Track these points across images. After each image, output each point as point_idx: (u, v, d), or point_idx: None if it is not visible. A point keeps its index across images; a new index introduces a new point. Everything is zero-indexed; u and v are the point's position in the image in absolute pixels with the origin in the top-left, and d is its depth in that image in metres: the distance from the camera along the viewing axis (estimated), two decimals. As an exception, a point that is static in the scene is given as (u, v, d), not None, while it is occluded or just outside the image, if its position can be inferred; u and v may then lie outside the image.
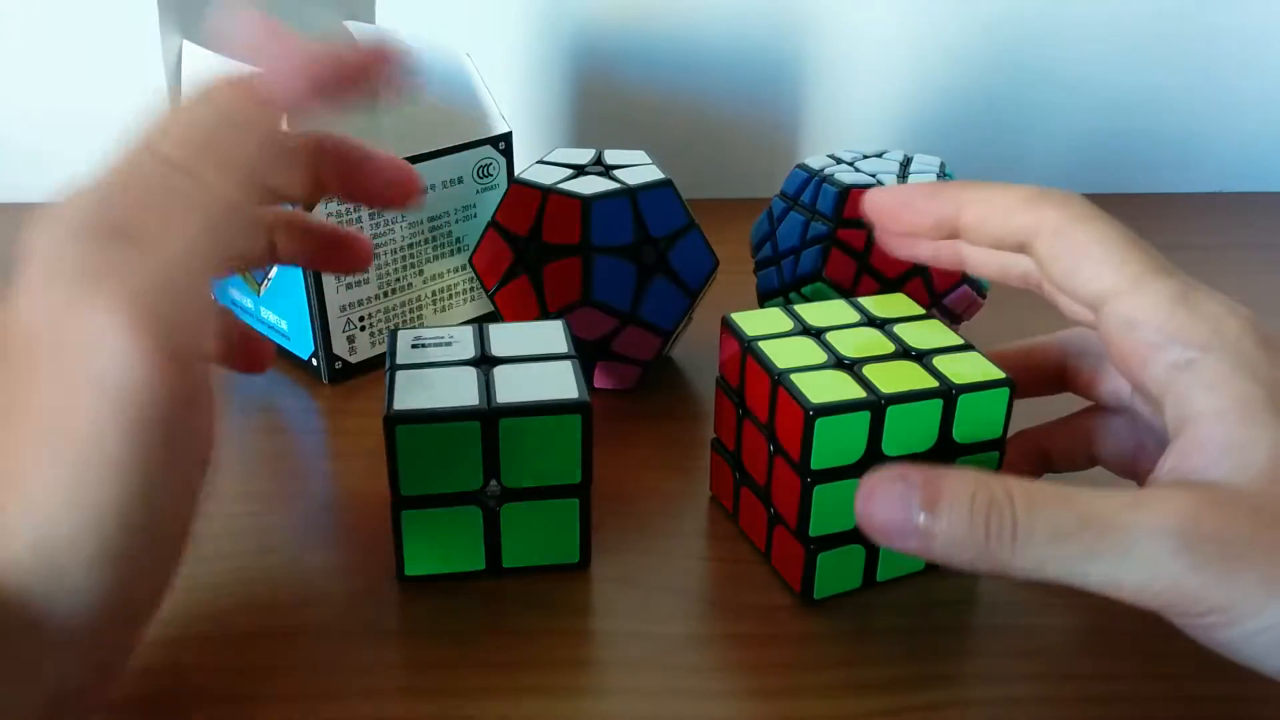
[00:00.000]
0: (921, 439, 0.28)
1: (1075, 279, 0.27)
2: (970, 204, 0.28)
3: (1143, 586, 0.23)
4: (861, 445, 0.27)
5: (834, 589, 0.29)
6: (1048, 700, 0.27)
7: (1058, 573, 0.23)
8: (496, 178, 0.43)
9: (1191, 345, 0.25)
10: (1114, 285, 0.26)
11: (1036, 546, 0.23)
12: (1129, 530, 0.22)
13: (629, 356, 0.39)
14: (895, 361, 0.29)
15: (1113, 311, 0.26)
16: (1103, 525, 0.23)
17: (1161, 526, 0.22)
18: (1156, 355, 0.25)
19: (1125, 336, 0.26)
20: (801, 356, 0.29)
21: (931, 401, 0.27)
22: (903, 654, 0.28)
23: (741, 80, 0.59)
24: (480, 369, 0.29)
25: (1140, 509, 0.23)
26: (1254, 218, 0.59)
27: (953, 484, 0.24)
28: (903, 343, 0.29)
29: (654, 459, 0.36)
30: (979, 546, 0.23)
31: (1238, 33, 0.59)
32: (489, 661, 0.27)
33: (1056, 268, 0.27)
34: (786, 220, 0.40)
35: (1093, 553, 0.23)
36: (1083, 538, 0.23)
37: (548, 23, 0.58)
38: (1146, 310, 0.26)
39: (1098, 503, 0.23)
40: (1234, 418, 0.24)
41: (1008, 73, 0.59)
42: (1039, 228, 0.27)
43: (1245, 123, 0.62)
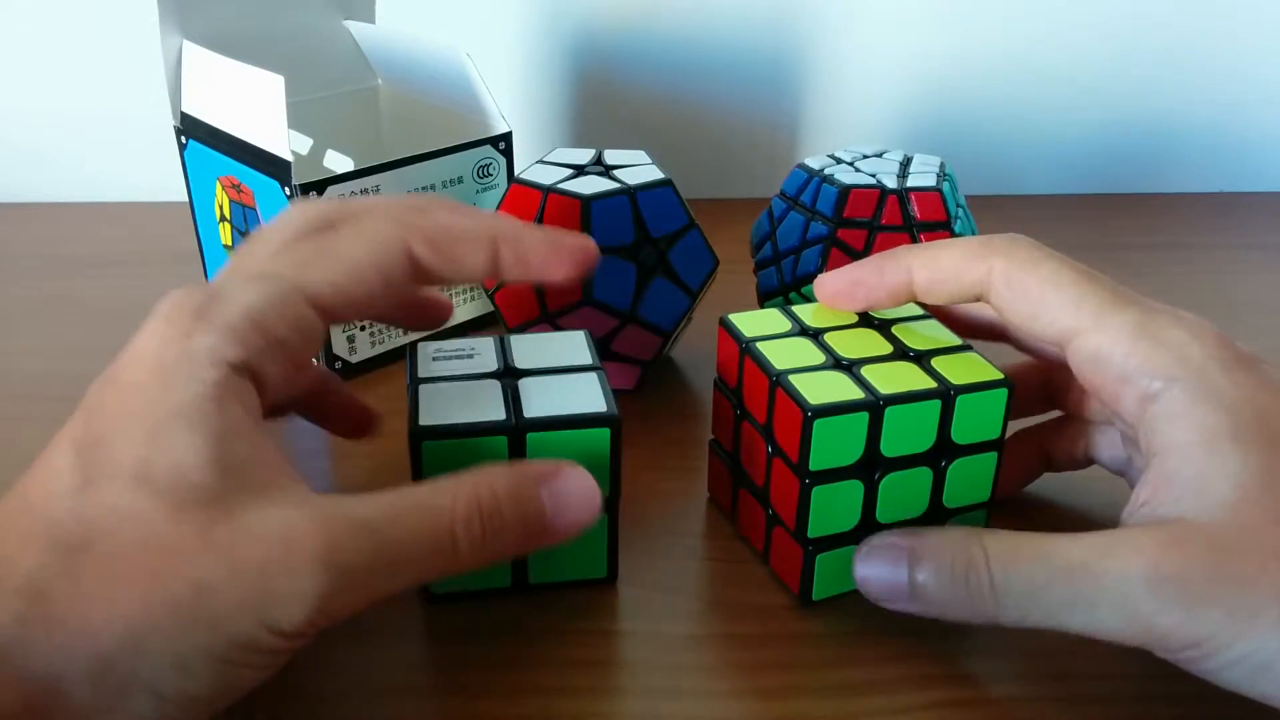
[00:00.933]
0: (920, 440, 0.28)
1: (1036, 323, 0.28)
2: (919, 269, 0.29)
3: (1118, 630, 0.24)
4: (860, 446, 0.27)
5: (832, 590, 0.29)
6: (1047, 700, 0.27)
7: (1040, 622, 0.24)
8: (496, 178, 0.43)
9: (1157, 376, 0.25)
10: (1074, 324, 0.27)
11: (1015, 601, 0.24)
12: (1098, 579, 0.23)
13: (629, 356, 0.39)
14: (893, 362, 0.28)
15: (1077, 349, 0.27)
16: (1074, 577, 0.24)
17: (1127, 573, 0.23)
18: (1124, 389, 0.26)
19: (1093, 373, 0.27)
20: (800, 357, 0.29)
21: (930, 403, 0.27)
22: (903, 654, 0.28)
23: (741, 80, 0.59)
24: (504, 381, 0.28)
25: (1108, 557, 0.24)
26: (1254, 218, 0.59)
27: (934, 547, 0.26)
28: (901, 343, 0.29)
29: (654, 459, 0.36)
30: (964, 604, 0.25)
31: (1238, 33, 0.59)
32: (489, 661, 0.27)
33: (1015, 316, 0.28)
34: (786, 220, 0.40)
35: (1068, 603, 0.24)
36: (1056, 591, 0.24)
37: (548, 23, 0.58)
38: (1108, 346, 0.26)
39: (1072, 552, 0.24)
40: (1198, 450, 0.24)
41: (1008, 72, 0.59)
42: (989, 280, 0.28)
43: (1245, 123, 0.62)
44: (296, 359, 0.25)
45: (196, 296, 0.24)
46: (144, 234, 0.54)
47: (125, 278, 0.50)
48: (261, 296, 0.24)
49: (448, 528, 0.24)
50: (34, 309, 0.47)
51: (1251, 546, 0.23)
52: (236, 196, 0.41)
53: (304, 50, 0.46)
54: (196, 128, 0.42)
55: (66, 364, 0.43)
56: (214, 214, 0.43)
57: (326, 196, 0.38)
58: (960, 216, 0.39)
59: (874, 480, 0.28)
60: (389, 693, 0.27)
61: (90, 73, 0.57)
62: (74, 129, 0.58)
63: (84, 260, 0.52)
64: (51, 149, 0.59)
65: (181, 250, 0.48)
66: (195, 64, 0.41)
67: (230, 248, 0.43)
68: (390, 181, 0.40)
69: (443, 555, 0.24)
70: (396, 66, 0.48)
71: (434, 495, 0.24)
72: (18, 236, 0.55)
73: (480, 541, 0.24)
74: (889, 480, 0.28)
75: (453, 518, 0.24)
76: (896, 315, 0.31)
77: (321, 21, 0.47)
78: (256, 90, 0.38)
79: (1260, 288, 0.51)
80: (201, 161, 0.42)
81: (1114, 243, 0.54)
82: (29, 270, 0.51)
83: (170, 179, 0.46)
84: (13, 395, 0.41)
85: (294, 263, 0.26)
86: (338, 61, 0.48)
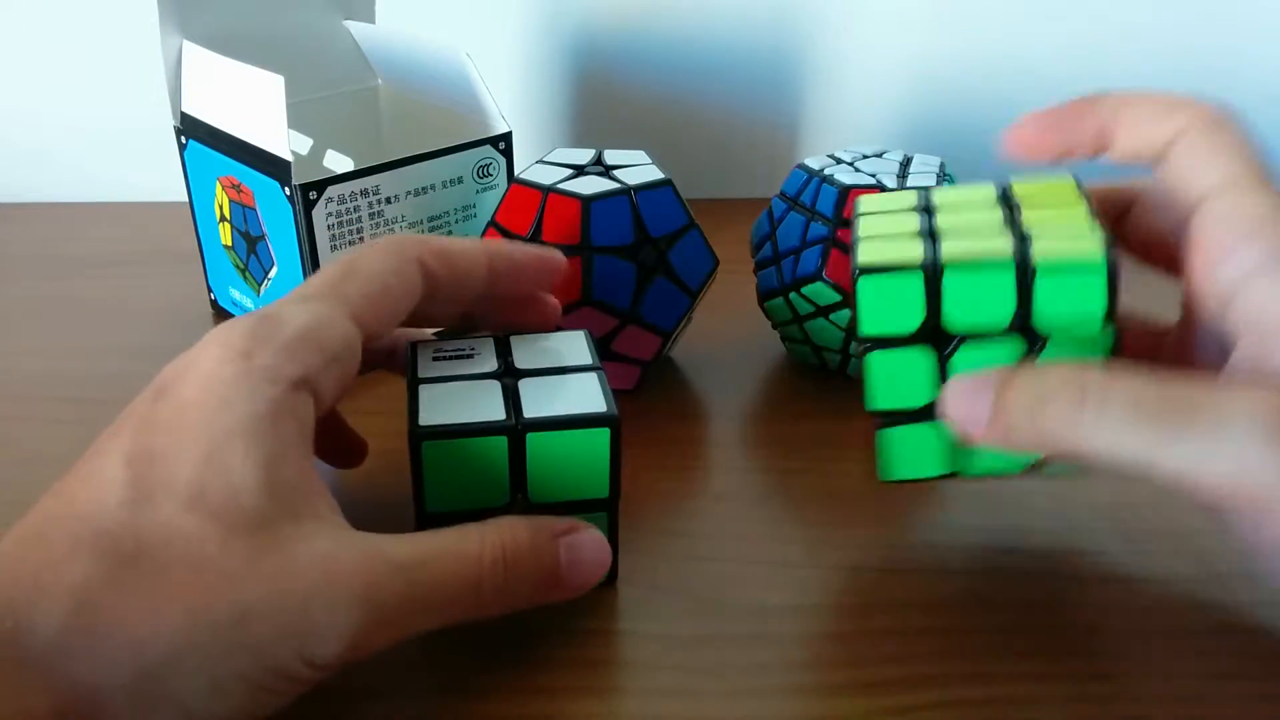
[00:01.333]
0: (993, 314, 0.25)
1: (1185, 179, 0.26)
2: (1122, 114, 0.28)
3: (1226, 475, 0.22)
4: (919, 313, 0.25)
5: (911, 473, 0.27)
6: (1047, 700, 0.27)
7: (1133, 453, 0.22)
8: (496, 178, 0.43)
9: (1275, 254, 0.23)
10: (1218, 184, 0.25)
11: (1113, 421, 0.22)
12: (1221, 412, 0.22)
13: (629, 356, 0.39)
14: (989, 236, 0.25)
15: (1209, 207, 0.25)
16: (1190, 405, 0.22)
17: (1256, 414, 0.21)
18: (1235, 255, 0.24)
19: (1213, 229, 0.25)
20: (894, 226, 0.26)
21: (999, 272, 0.24)
22: (903, 654, 0.28)
23: (741, 80, 0.59)
24: (504, 382, 0.28)
25: (1231, 395, 0.22)
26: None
27: (1027, 367, 0.24)
28: (1016, 221, 0.26)
29: (654, 459, 0.36)
30: (1054, 421, 0.23)
31: (1237, 34, 0.59)
32: (490, 662, 0.27)
33: (1174, 172, 0.26)
34: (786, 220, 0.40)
35: (1177, 432, 0.22)
36: (1166, 416, 0.22)
37: (548, 23, 0.58)
38: (1244, 209, 0.24)
39: (1182, 384, 0.22)
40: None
41: (1008, 73, 0.59)
42: (1174, 136, 0.27)
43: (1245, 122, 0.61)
44: (347, 374, 0.26)
45: (250, 320, 0.25)
46: (144, 234, 0.54)
47: (125, 278, 0.50)
48: (313, 315, 0.25)
49: (475, 574, 0.24)
50: (34, 309, 0.47)
51: None
52: (236, 196, 0.41)
53: (304, 50, 0.46)
54: (196, 128, 0.42)
55: (66, 364, 0.43)
56: (214, 214, 0.43)
57: (326, 196, 0.38)
58: (960, 216, 0.39)
59: (947, 354, 0.25)
60: (389, 693, 0.27)
61: (90, 73, 0.57)
62: (74, 129, 0.58)
63: (84, 260, 0.52)
64: (51, 149, 0.59)
65: (181, 250, 0.48)
66: (195, 64, 0.41)
67: (230, 248, 0.43)
68: (390, 181, 0.40)
69: (469, 601, 0.25)
70: (396, 66, 0.48)
71: (463, 542, 0.25)
72: (18, 236, 0.55)
73: (503, 590, 0.25)
74: (965, 355, 0.25)
75: (480, 565, 0.25)
76: (1043, 202, 0.27)
77: (321, 21, 0.47)
78: (256, 90, 0.38)
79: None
80: (201, 161, 0.42)
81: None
82: (29, 270, 0.51)
83: (170, 179, 0.46)
84: (13, 395, 0.41)
85: (327, 284, 0.27)
86: (338, 61, 0.48)
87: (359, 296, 0.27)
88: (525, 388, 0.28)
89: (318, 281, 0.27)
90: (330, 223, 0.39)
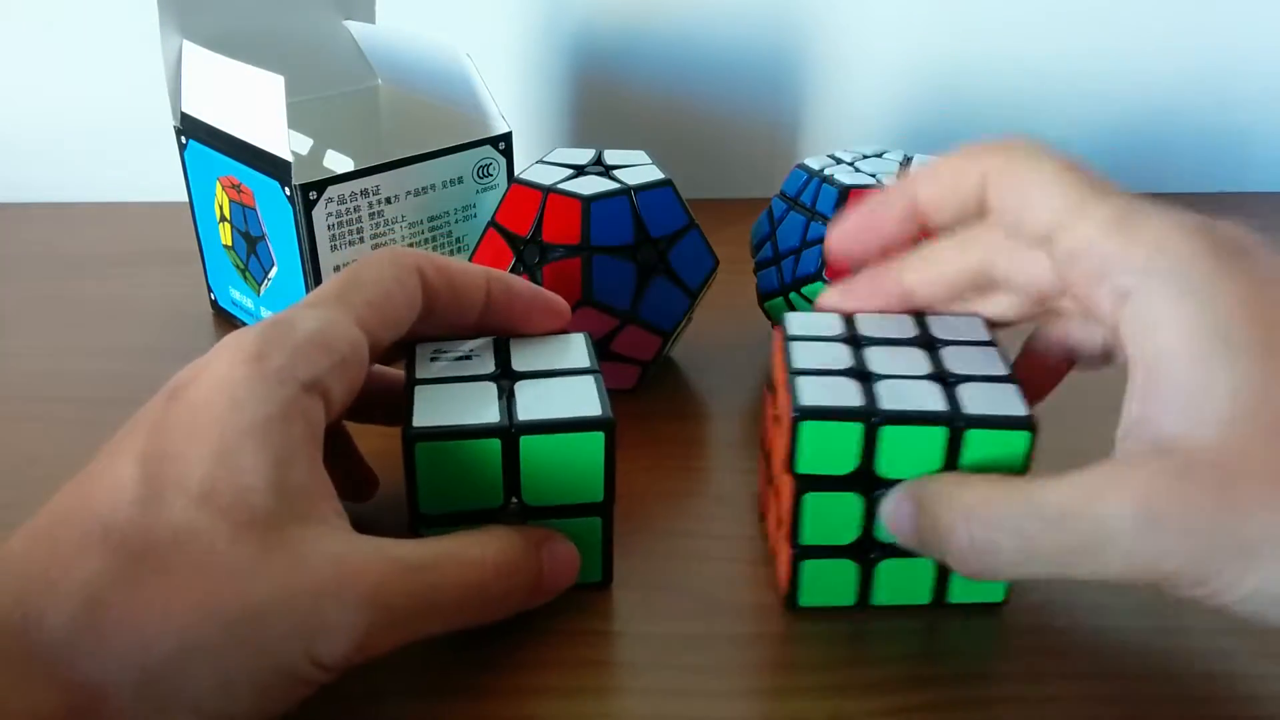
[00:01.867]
0: (923, 467, 0.26)
1: (1022, 222, 0.26)
2: (921, 186, 0.28)
3: (1123, 574, 0.22)
4: (854, 458, 0.26)
5: (821, 600, 0.29)
6: (1047, 700, 0.27)
7: (1046, 573, 0.23)
8: (496, 178, 0.43)
9: (1129, 270, 0.23)
10: (1056, 219, 0.25)
11: (1013, 556, 0.23)
12: (1095, 523, 0.22)
13: (629, 356, 0.39)
14: (919, 381, 0.27)
15: (1058, 248, 0.25)
16: (1070, 523, 0.22)
17: (1125, 514, 0.22)
18: (1099, 289, 0.24)
19: (1069, 271, 0.25)
20: (825, 359, 0.28)
21: (933, 428, 0.26)
22: (902, 654, 0.28)
23: (741, 80, 0.59)
24: (500, 384, 0.28)
25: (1103, 496, 0.22)
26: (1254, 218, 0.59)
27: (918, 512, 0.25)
28: (941, 366, 0.28)
29: (654, 459, 0.36)
30: (967, 562, 0.24)
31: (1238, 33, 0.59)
32: (488, 663, 0.27)
33: (1006, 216, 0.26)
34: (786, 220, 0.40)
35: (1069, 553, 0.23)
36: (1056, 540, 0.23)
37: (548, 23, 0.58)
38: (1084, 239, 0.24)
39: (1061, 495, 0.23)
40: (1184, 361, 0.22)
41: (1008, 72, 0.59)
42: (984, 181, 0.26)
43: (1245, 123, 0.61)
44: (355, 378, 0.26)
45: (261, 325, 0.25)
46: (144, 234, 0.54)
47: (125, 278, 0.50)
48: (322, 320, 0.25)
49: (480, 578, 0.25)
50: (34, 309, 0.47)
51: (1255, 470, 0.21)
52: (236, 196, 0.41)
53: (304, 50, 0.46)
54: (196, 128, 0.42)
55: (66, 364, 0.43)
56: (214, 214, 0.43)
57: (326, 196, 0.38)
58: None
59: (873, 498, 0.27)
60: (389, 694, 0.27)
61: (90, 73, 0.57)
62: (74, 129, 0.58)
63: (84, 260, 0.52)
64: (51, 149, 0.59)
65: (181, 250, 0.48)
66: (195, 64, 0.41)
67: (230, 248, 0.43)
68: (390, 181, 0.40)
69: (474, 605, 0.25)
70: (396, 66, 0.48)
71: (467, 548, 0.25)
72: (18, 236, 0.55)
73: (503, 595, 0.26)
74: None
75: (484, 569, 0.25)
76: (959, 338, 0.29)
77: (321, 21, 0.47)
78: (256, 90, 0.38)
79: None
80: (201, 161, 0.42)
81: (1114, 243, 0.54)
82: (29, 270, 0.51)
83: (170, 179, 0.46)
84: (13, 395, 0.41)
85: (333, 293, 0.27)
86: (338, 61, 0.48)
87: (364, 304, 0.27)
88: (521, 390, 0.28)
89: (324, 291, 0.27)
90: (330, 223, 0.39)
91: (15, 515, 0.22)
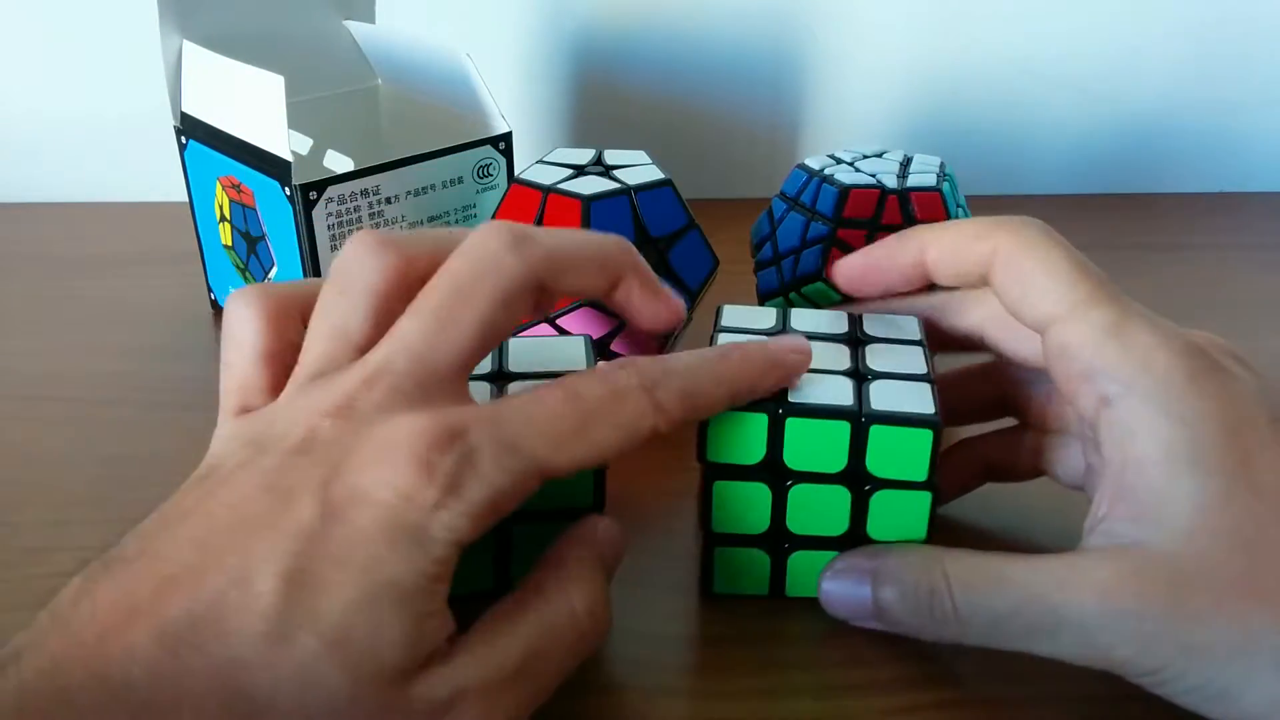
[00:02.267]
0: (828, 460, 0.27)
1: (1022, 306, 0.27)
2: (930, 246, 0.29)
3: (1078, 658, 0.24)
4: (760, 450, 0.27)
5: (733, 588, 0.29)
6: (1048, 700, 0.27)
7: (1005, 646, 0.25)
8: (496, 178, 0.43)
9: (1116, 380, 0.25)
10: (1054, 312, 0.26)
11: (978, 629, 0.25)
12: (1056, 611, 0.24)
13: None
14: (835, 377, 0.28)
15: (1051, 338, 0.26)
16: (1034, 608, 0.24)
17: (1084, 608, 0.24)
18: (1085, 388, 0.26)
19: (1059, 364, 0.26)
20: None
21: (836, 423, 0.26)
22: (902, 654, 0.28)
23: (741, 80, 0.59)
24: (495, 385, 0.28)
25: (1064, 588, 0.24)
26: (1254, 218, 0.59)
27: (896, 570, 0.26)
28: (862, 362, 0.28)
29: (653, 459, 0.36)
30: (929, 627, 0.26)
31: (1238, 33, 0.59)
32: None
33: (1006, 296, 0.28)
34: (786, 220, 0.40)
35: (1030, 632, 0.24)
36: (1018, 621, 0.24)
37: (548, 23, 0.58)
38: (1078, 339, 0.26)
39: (1031, 580, 0.24)
40: (1156, 469, 0.24)
41: (1008, 73, 0.59)
42: (992, 257, 0.28)
43: (1245, 123, 0.62)
44: None
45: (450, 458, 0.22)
46: (144, 234, 0.54)
47: (125, 278, 0.50)
48: (509, 479, 0.23)
49: (576, 644, 0.24)
50: (34, 309, 0.47)
51: (1207, 579, 0.23)
52: (236, 196, 0.41)
53: (304, 50, 0.46)
54: (196, 128, 0.42)
55: (66, 364, 0.43)
56: (214, 214, 0.43)
57: (326, 196, 0.38)
58: (960, 216, 0.39)
59: (783, 488, 0.27)
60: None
61: (90, 73, 0.57)
62: (74, 129, 0.58)
63: (84, 260, 0.52)
64: (51, 149, 0.59)
65: (181, 250, 0.48)
66: (195, 64, 0.41)
67: (230, 248, 0.43)
68: (390, 181, 0.40)
69: (575, 658, 0.25)
70: (396, 66, 0.48)
71: (556, 599, 0.24)
72: (18, 236, 0.55)
73: (599, 634, 0.25)
74: (799, 491, 0.27)
75: (578, 627, 0.24)
76: (888, 336, 0.30)
77: (321, 21, 0.47)
78: (256, 90, 0.38)
79: (1260, 288, 0.51)
80: (201, 161, 0.42)
81: (1114, 243, 0.54)
82: (29, 270, 0.51)
83: (170, 179, 0.46)
84: (13, 395, 0.41)
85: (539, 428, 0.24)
86: (338, 61, 0.48)
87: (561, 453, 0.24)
88: (513, 391, 0.28)
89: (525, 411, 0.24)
90: (330, 223, 0.39)
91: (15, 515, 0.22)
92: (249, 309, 0.26)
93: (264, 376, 0.25)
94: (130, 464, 0.36)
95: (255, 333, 0.25)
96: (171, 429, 0.38)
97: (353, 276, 0.25)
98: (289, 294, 0.26)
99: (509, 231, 0.25)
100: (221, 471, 0.23)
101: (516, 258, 0.24)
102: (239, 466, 0.23)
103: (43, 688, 0.19)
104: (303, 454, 0.22)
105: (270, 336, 0.26)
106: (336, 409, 0.23)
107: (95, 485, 0.35)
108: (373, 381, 0.23)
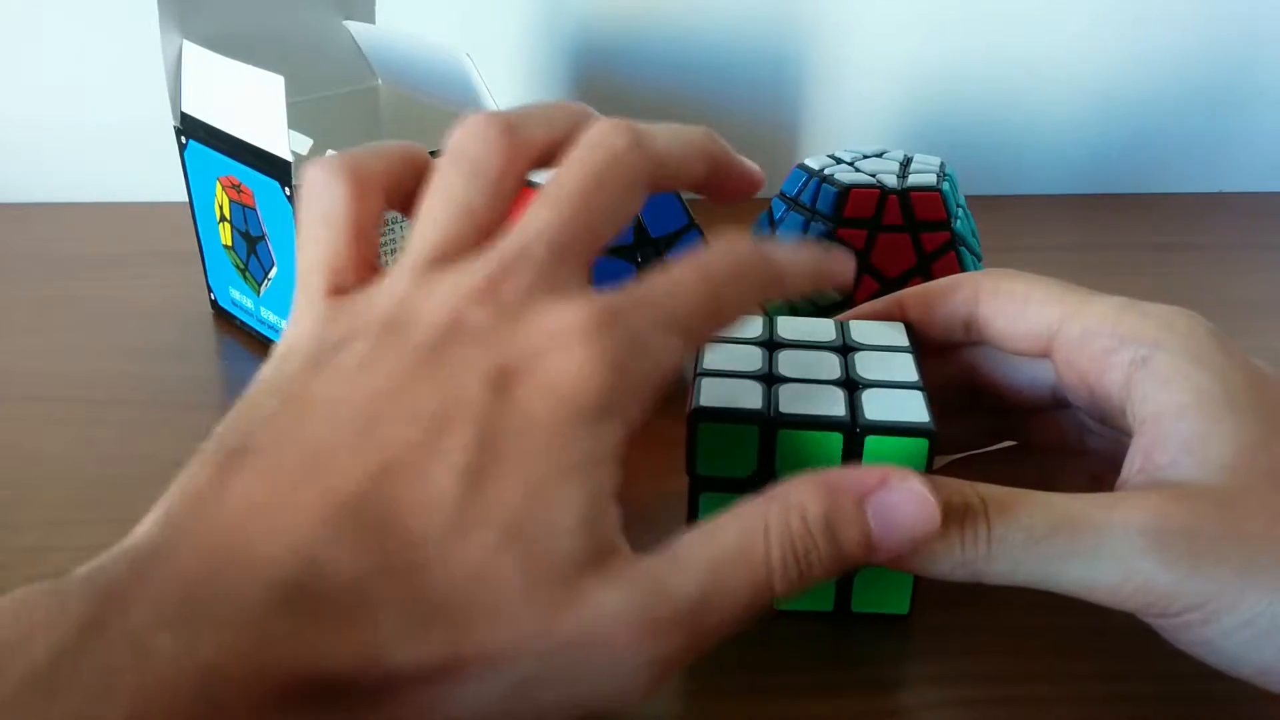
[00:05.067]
0: None
1: (1020, 323, 0.28)
2: (909, 304, 0.30)
3: (1116, 586, 0.23)
4: (752, 461, 0.26)
5: None
6: (1048, 700, 0.27)
7: (1032, 576, 0.23)
8: (496, 178, 0.43)
9: (1144, 343, 0.26)
10: (1062, 313, 0.27)
11: (1010, 551, 0.23)
12: (1099, 529, 0.23)
13: (629, 356, 0.39)
14: (826, 386, 0.27)
15: (1066, 334, 0.27)
16: (1074, 526, 0.23)
17: (1130, 524, 0.23)
18: (1112, 359, 0.26)
19: (1082, 349, 0.27)
20: (736, 362, 0.28)
21: (830, 434, 0.25)
22: (902, 654, 0.28)
23: (741, 80, 0.59)
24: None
25: (1111, 510, 0.23)
26: (1254, 218, 0.59)
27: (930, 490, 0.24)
28: (853, 371, 0.28)
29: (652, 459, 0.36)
30: (954, 554, 0.23)
31: (1238, 33, 0.59)
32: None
33: (1000, 321, 0.28)
34: (786, 220, 0.40)
35: (1066, 554, 0.23)
36: (1055, 540, 0.23)
37: (548, 23, 0.58)
38: (1097, 319, 0.27)
39: (1071, 505, 0.23)
40: (1193, 413, 0.24)
41: (1008, 73, 0.59)
42: (976, 293, 0.29)
43: (1245, 123, 0.62)
44: None
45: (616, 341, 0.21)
46: (144, 234, 0.54)
47: (125, 278, 0.50)
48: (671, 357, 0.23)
49: (765, 581, 0.21)
50: (34, 309, 0.47)
51: (1256, 507, 0.23)
52: (236, 196, 0.41)
53: (304, 50, 0.46)
54: (196, 128, 0.42)
55: (66, 364, 0.43)
56: (214, 214, 0.43)
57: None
58: (960, 216, 0.39)
59: None
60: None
61: (90, 73, 0.57)
62: (74, 129, 0.58)
63: (84, 260, 0.52)
64: (51, 149, 0.59)
65: (181, 250, 0.48)
66: (195, 64, 0.41)
67: (230, 248, 0.43)
68: (390, 181, 0.40)
69: (755, 610, 0.22)
70: (396, 66, 0.48)
71: (746, 537, 0.22)
72: (18, 236, 0.55)
73: (794, 584, 0.22)
74: None
75: (769, 568, 0.21)
76: (877, 342, 0.29)
77: (321, 21, 0.47)
78: (256, 90, 0.38)
79: (1260, 288, 0.51)
80: (201, 161, 0.42)
81: (1114, 243, 0.54)
82: (29, 270, 0.51)
83: (170, 179, 0.46)
84: (13, 395, 0.41)
85: None
86: (338, 61, 0.48)
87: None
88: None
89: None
90: (330, 223, 0.39)
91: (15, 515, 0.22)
92: (336, 180, 0.25)
93: (356, 253, 0.24)
94: (130, 464, 0.36)
95: (345, 206, 0.24)
96: (172, 429, 0.38)
97: (475, 157, 0.25)
98: (373, 167, 0.26)
99: (630, 130, 0.25)
100: (345, 355, 0.22)
101: (640, 155, 0.25)
102: (371, 350, 0.21)
103: (204, 595, 0.18)
104: (453, 339, 0.21)
105: (361, 211, 0.25)
106: (480, 294, 0.22)
107: (95, 485, 0.35)
108: (513, 268, 0.22)
